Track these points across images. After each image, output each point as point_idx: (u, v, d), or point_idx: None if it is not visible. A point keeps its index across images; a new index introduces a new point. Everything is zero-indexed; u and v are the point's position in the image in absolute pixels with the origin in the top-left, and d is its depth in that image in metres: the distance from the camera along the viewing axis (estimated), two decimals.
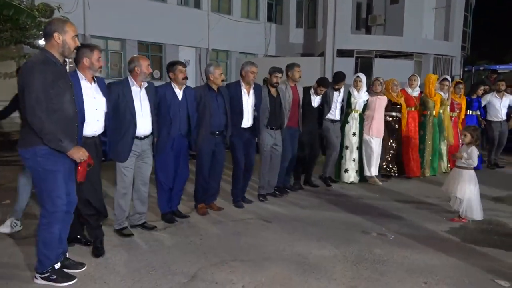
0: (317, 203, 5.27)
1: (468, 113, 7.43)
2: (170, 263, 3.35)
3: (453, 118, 7.19)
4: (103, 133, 3.53)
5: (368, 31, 20.76)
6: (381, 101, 6.22)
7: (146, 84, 3.89)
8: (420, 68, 18.25)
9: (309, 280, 3.13)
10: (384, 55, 18.36)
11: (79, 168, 2.93)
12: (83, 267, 3.21)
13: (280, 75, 5.08)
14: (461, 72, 20.15)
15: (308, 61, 17.15)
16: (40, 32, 10.02)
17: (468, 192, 4.56)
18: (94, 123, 3.37)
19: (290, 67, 5.42)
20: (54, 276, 2.94)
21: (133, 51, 15.47)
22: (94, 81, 3.41)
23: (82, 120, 3.21)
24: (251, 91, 4.87)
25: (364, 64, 17.40)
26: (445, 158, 7.13)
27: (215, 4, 18.10)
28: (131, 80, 3.82)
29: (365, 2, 21.12)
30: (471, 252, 3.75)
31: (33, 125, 2.69)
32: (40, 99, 2.66)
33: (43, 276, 2.94)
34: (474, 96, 7.52)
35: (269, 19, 20.32)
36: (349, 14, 17.79)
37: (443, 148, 7.07)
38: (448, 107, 7.08)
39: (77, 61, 3.33)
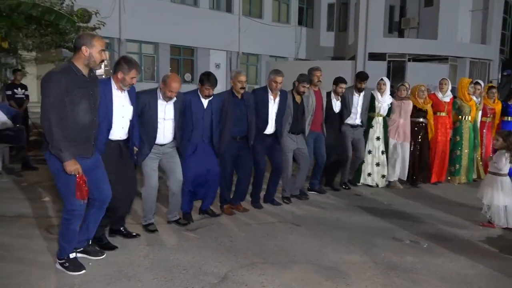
0: (344, 207, 5.22)
1: (504, 119, 7.16)
2: (201, 264, 3.40)
3: (486, 124, 6.99)
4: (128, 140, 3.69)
5: (401, 34, 20.39)
6: (406, 106, 6.13)
7: (174, 99, 3.98)
8: (456, 72, 17.75)
9: (339, 286, 3.11)
10: (417, 58, 17.97)
11: (76, 184, 3.00)
12: (103, 255, 3.45)
13: (308, 85, 5.12)
14: (499, 76, 19.48)
15: (339, 65, 17.01)
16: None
17: (496, 198, 4.44)
18: (118, 129, 3.54)
19: (309, 71, 5.44)
20: (67, 264, 3.19)
21: (165, 55, 15.84)
22: (124, 90, 3.55)
23: (109, 127, 3.42)
24: (277, 98, 4.90)
25: (397, 68, 17.10)
26: (480, 164, 6.93)
27: (246, 8, 18.26)
28: (159, 93, 3.94)
29: (398, 5, 20.77)
30: (508, 263, 3.62)
31: (43, 128, 2.91)
32: (53, 105, 2.85)
33: (60, 262, 3.21)
34: (511, 102, 7.25)
35: (300, 22, 20.30)
36: (381, 17, 17.54)
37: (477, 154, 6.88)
38: (480, 112, 6.88)
39: (114, 70, 3.50)
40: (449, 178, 6.68)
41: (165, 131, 3.99)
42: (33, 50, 10.27)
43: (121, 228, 3.90)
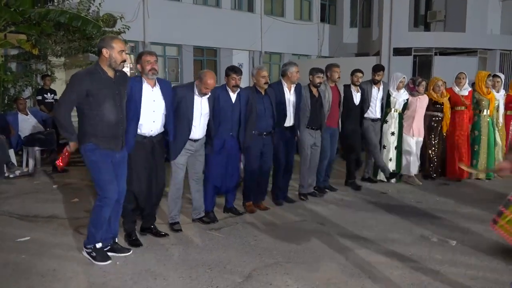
0: (371, 206, 5.13)
1: None
2: (226, 263, 3.43)
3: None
4: (165, 133, 3.79)
5: (427, 28, 19.88)
6: (422, 102, 6.11)
7: (209, 95, 4.05)
8: (485, 65, 17.15)
9: (365, 285, 3.07)
10: (444, 52, 17.47)
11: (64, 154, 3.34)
12: (129, 252, 3.56)
13: (322, 75, 5.12)
14: None
15: (363, 61, 16.67)
16: None
17: None
18: (149, 123, 3.64)
19: (329, 67, 5.45)
20: (94, 254, 3.33)
21: (189, 56, 16.00)
22: (156, 85, 3.65)
23: (137, 120, 3.55)
24: (292, 90, 4.91)
25: (423, 63, 16.68)
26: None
27: (268, 7, 18.23)
28: (195, 88, 4.01)
29: None
30: None
31: (54, 116, 3.30)
32: (67, 102, 3.15)
33: (87, 250, 3.36)
34: None
35: (322, 19, 20.09)
36: (407, 10, 17.14)
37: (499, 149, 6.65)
38: (502, 106, 6.67)
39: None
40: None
41: (201, 126, 4.07)
42: (62, 56, 10.61)
43: (151, 226, 3.99)
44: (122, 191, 3.42)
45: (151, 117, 3.64)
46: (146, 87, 3.62)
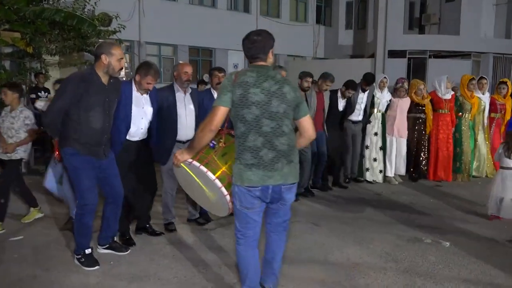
0: (365, 207, 5.16)
1: None
2: (221, 263, 3.42)
3: (495, 120, 6.88)
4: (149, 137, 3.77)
5: (421, 31, 19.99)
6: (403, 103, 6.26)
7: (190, 90, 4.01)
8: (479, 68, 17.28)
9: (359, 286, 3.08)
10: (439, 55, 17.59)
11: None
12: (127, 251, 3.55)
13: (310, 79, 5.19)
14: None
15: (358, 63, 16.79)
16: (100, 40, 10.65)
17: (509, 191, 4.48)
18: (137, 130, 3.61)
19: (323, 76, 5.51)
20: (83, 260, 3.29)
21: (184, 56, 15.96)
22: (146, 93, 3.63)
23: (127, 128, 3.51)
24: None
25: (417, 65, 16.75)
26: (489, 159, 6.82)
27: (264, 8, 18.24)
28: (176, 86, 3.95)
29: (418, 1, 20.37)
30: None
31: (44, 118, 3.14)
32: (62, 106, 3.04)
33: (77, 257, 3.32)
34: None
35: (318, 21, 20.13)
36: (402, 13, 17.22)
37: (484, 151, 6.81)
38: (487, 108, 6.80)
39: (135, 72, 3.60)
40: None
41: (188, 127, 3.96)
42: (56, 54, 10.53)
43: (147, 226, 3.97)
44: (119, 192, 3.39)
45: (139, 124, 3.61)
46: (135, 94, 3.58)
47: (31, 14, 8.45)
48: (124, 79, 11.53)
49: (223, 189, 2.70)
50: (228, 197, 2.69)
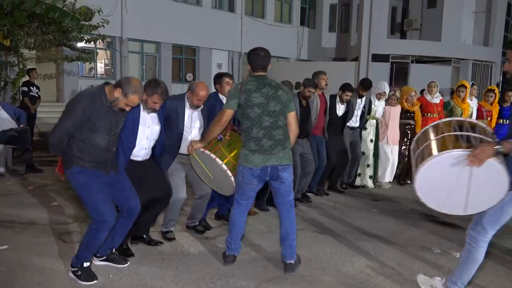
0: (366, 213, 5.06)
1: (499, 121, 7.05)
2: (228, 276, 3.21)
3: None
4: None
5: (403, 36, 20.29)
6: (395, 110, 6.29)
7: (201, 107, 3.76)
8: (459, 74, 17.67)
9: None
10: (420, 60, 17.87)
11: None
12: (126, 263, 3.30)
13: (313, 90, 5.15)
14: (501, 78, 19.44)
15: (342, 66, 16.87)
16: (81, 35, 10.20)
17: None
18: (141, 151, 3.39)
19: (316, 74, 5.49)
20: (80, 273, 3.02)
21: (167, 54, 15.61)
22: (153, 112, 3.39)
23: (131, 147, 3.30)
24: None
25: (400, 70, 16.98)
26: None
27: (249, 8, 18.07)
28: (186, 100, 3.70)
29: (400, 6, 20.68)
30: None
31: (50, 137, 2.91)
32: (70, 126, 2.84)
33: (73, 270, 3.04)
34: (507, 105, 7.10)
35: (302, 23, 20.13)
36: (385, 18, 17.41)
37: None
38: (475, 115, 6.87)
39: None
40: None
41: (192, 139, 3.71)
42: (35, 49, 10.02)
43: (144, 236, 3.71)
44: (134, 205, 3.12)
45: (143, 144, 3.38)
46: (142, 113, 3.34)
47: (9, 5, 7.99)
48: (104, 75, 11.00)
49: (228, 172, 3.29)
50: (232, 179, 3.29)
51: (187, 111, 3.69)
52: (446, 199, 2.63)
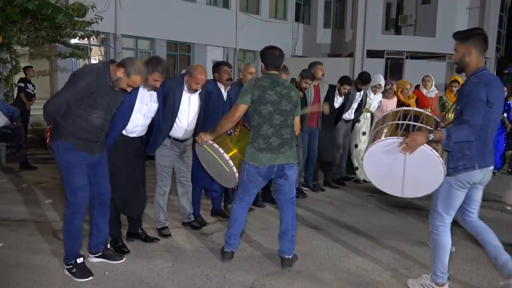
0: (361, 208, 5.08)
1: None
2: (225, 272, 3.20)
3: None
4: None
5: (397, 32, 20.31)
6: (392, 103, 6.31)
7: (199, 91, 3.76)
8: (453, 69, 17.70)
9: None
10: (415, 56, 17.91)
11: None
12: (122, 259, 3.28)
13: (310, 81, 5.13)
14: (495, 72, 19.53)
15: (337, 62, 16.88)
16: (74, 31, 10.11)
17: None
18: (136, 127, 3.38)
19: (313, 65, 5.47)
20: (74, 270, 3.00)
21: (162, 51, 15.51)
22: (153, 89, 3.38)
23: (124, 124, 3.29)
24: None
25: (395, 66, 17.03)
26: None
27: (244, 4, 18.00)
28: (185, 83, 3.69)
29: (395, 2, 20.68)
30: None
31: (47, 104, 2.85)
32: (72, 95, 2.81)
33: (68, 267, 3.02)
34: None
35: (297, 19, 20.09)
36: (380, 14, 17.43)
37: None
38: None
39: None
40: None
41: (188, 125, 3.74)
42: (28, 45, 9.93)
43: (139, 231, 3.69)
44: (106, 192, 3.15)
45: (139, 121, 3.38)
46: (141, 89, 3.33)
47: (1, 1, 7.90)
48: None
49: (234, 168, 3.32)
50: (237, 174, 3.32)
51: (185, 94, 3.69)
52: (386, 181, 2.92)
